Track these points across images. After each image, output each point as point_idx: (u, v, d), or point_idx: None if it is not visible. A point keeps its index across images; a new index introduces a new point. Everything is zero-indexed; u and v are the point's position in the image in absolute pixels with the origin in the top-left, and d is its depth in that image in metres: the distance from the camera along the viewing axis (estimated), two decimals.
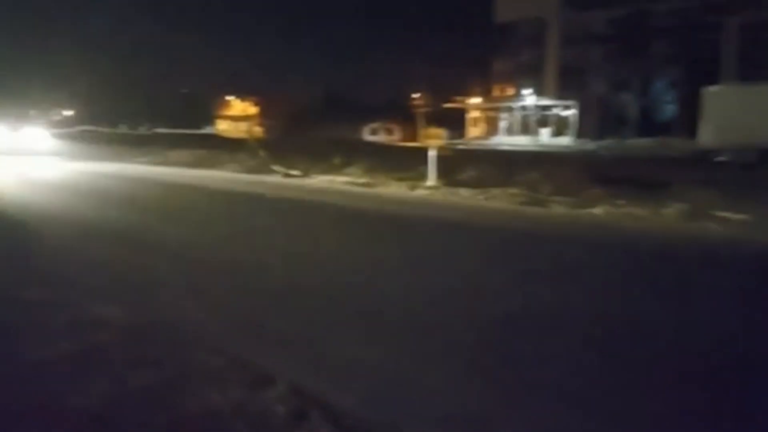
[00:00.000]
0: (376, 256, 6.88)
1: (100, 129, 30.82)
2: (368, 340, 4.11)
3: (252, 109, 62.79)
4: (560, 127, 42.48)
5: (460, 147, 33.26)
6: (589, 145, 35.74)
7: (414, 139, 49.22)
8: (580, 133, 40.44)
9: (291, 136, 38.66)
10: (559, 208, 10.83)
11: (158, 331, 3.96)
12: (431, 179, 14.40)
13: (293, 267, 6.24)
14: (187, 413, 2.86)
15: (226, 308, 4.77)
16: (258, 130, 55.71)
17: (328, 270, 6.14)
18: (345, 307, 4.83)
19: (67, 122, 46.23)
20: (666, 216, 9.82)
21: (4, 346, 3.59)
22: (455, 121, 51.41)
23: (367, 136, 56.78)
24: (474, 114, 51.34)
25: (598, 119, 41.51)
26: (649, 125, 38.94)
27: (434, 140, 15.66)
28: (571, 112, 42.06)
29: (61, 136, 32.34)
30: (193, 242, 7.48)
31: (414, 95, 57.78)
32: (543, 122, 43.63)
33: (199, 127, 55.68)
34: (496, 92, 50.23)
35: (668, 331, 4.44)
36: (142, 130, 41.81)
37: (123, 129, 40.94)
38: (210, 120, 63.69)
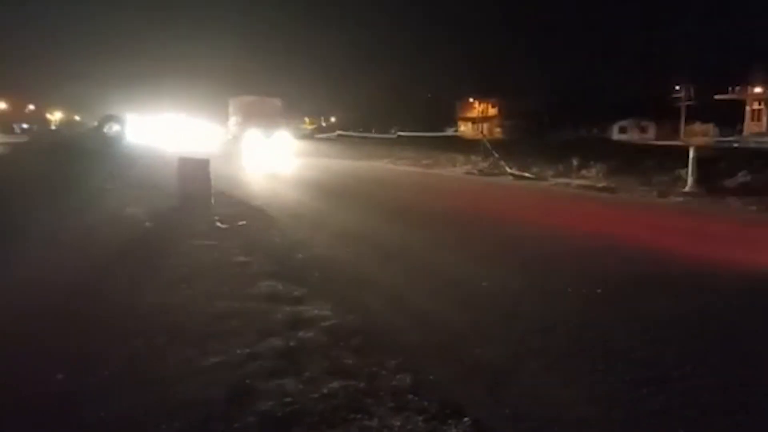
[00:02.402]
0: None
1: (352, 133, 34.20)
2: None
3: (491, 110, 62.94)
4: None
5: (735, 146, 28.08)
6: None
7: (674, 138, 43.34)
8: None
9: (531, 137, 37.49)
10: None
11: None
12: (689, 184, 12.25)
13: None
14: None
15: None
16: (497, 131, 55.63)
17: None
18: None
19: (328, 128, 52.57)
20: None
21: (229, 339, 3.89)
22: (730, 116, 43.79)
23: (616, 135, 52.05)
24: (755, 106, 43.00)
25: None
26: None
27: (698, 138, 13.29)
28: None
29: (321, 140, 36.59)
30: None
31: (675, 87, 51.00)
32: None
33: (442, 130, 57.85)
34: None
35: None
36: (390, 134, 45.18)
37: (373, 133, 44.77)
38: (453, 122, 65.76)
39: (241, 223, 8.07)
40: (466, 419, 2.79)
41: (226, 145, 28.11)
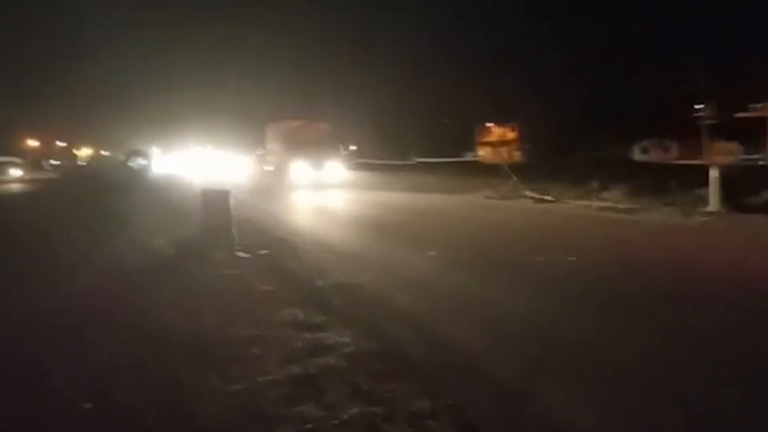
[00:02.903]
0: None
1: (373, 161, 34.58)
2: None
3: (510, 134, 62.98)
4: None
5: (760, 163, 27.62)
6: None
7: (697, 157, 42.69)
8: None
9: (550, 159, 37.39)
10: None
11: None
12: (712, 204, 12.08)
13: None
14: None
15: None
16: (516, 155, 55.58)
17: None
18: None
19: (350, 155, 52.98)
20: None
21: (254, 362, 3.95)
22: (754, 134, 43.11)
23: (638, 155, 51.48)
24: None
25: None
26: None
27: (723, 156, 13.15)
28: None
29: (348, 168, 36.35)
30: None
31: (697, 105, 50.42)
32: None
33: (460, 155, 58.03)
34: None
35: None
36: (409, 161, 45.56)
37: (394, 160, 45.24)
38: (472, 147, 65.88)
39: (263, 252, 8.20)
40: None
41: (264, 178, 27.05)
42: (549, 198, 15.92)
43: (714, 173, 12.36)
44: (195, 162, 36.41)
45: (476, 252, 8.61)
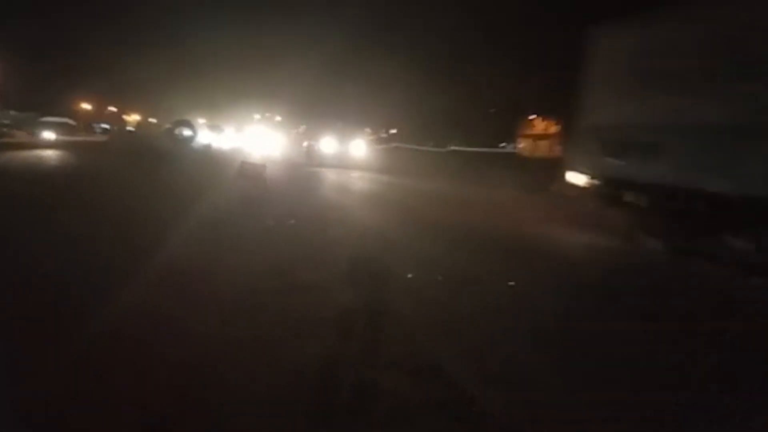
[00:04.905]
0: None
1: (407, 146, 34.71)
2: None
3: (553, 128, 61.97)
4: None
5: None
6: None
7: None
8: None
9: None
10: None
11: None
12: None
13: None
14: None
15: None
16: (557, 150, 54.67)
17: None
18: None
19: (388, 139, 53.05)
20: None
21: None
22: None
23: None
24: None
25: None
26: None
27: None
28: None
29: (377, 151, 36.77)
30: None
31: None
32: None
33: (496, 146, 57.36)
34: None
35: None
36: (442, 148, 45.44)
37: (428, 146, 45.21)
38: (512, 138, 64.89)
39: (290, 222, 8.92)
40: None
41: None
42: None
43: None
44: (254, 138, 37.24)
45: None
